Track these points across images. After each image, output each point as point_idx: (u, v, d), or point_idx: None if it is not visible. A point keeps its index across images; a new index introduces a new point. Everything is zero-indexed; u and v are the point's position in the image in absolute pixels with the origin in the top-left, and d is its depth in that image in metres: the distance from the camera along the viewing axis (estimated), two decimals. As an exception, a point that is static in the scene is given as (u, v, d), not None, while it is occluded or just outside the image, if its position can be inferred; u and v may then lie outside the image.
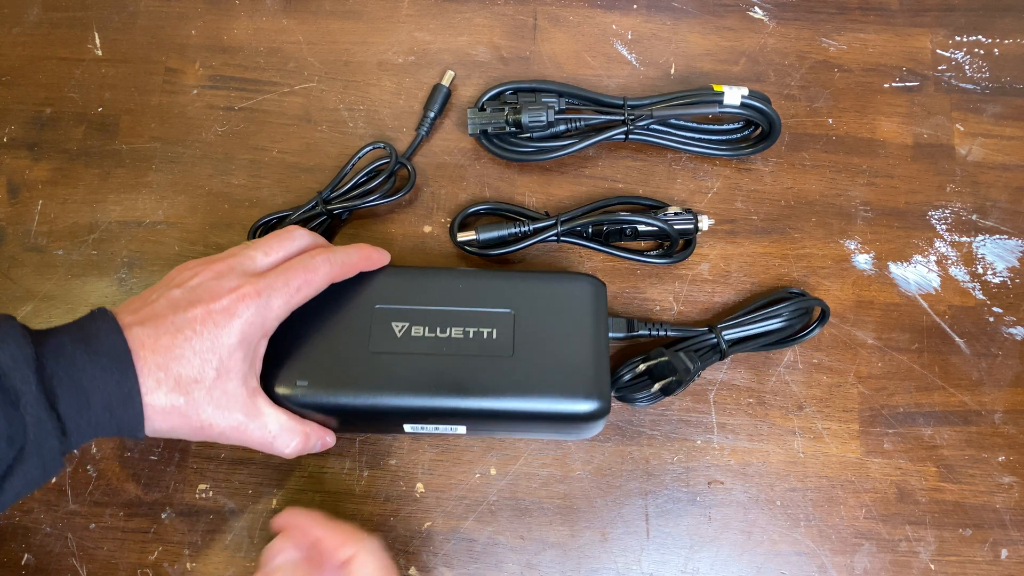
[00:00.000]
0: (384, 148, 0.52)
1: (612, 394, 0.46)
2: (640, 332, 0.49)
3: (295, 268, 0.41)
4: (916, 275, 0.53)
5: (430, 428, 0.45)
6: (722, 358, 0.49)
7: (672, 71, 0.57)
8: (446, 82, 0.55)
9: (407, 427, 0.45)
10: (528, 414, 0.43)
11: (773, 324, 0.49)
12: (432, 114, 0.54)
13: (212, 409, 0.38)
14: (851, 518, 0.49)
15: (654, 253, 0.52)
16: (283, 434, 0.42)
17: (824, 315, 0.50)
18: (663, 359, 0.47)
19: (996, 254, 0.54)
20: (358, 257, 0.45)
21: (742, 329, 0.49)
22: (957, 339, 0.52)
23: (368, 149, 0.52)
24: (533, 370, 0.43)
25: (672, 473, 0.49)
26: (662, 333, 0.49)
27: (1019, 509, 0.49)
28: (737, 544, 0.48)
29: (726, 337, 0.48)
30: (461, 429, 0.46)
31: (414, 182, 0.53)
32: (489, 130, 0.52)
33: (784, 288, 0.52)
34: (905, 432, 0.50)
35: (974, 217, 0.55)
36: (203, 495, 0.48)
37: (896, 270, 0.54)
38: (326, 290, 0.43)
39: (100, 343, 0.36)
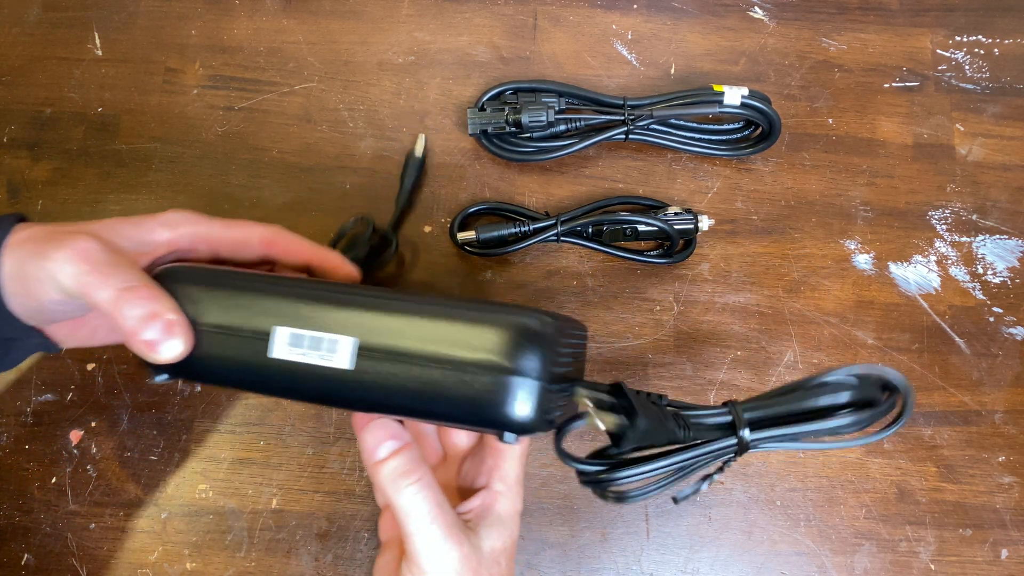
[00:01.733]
0: (364, 222, 0.51)
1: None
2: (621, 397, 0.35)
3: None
4: (916, 275, 0.53)
5: (307, 340, 0.34)
6: (740, 451, 0.34)
7: (672, 71, 0.57)
8: (419, 150, 0.53)
9: (277, 339, 0.34)
10: (428, 342, 0.33)
11: (825, 424, 0.34)
12: (408, 184, 0.53)
13: (63, 234, 0.35)
14: (851, 518, 0.49)
15: (654, 253, 0.52)
16: (125, 263, 0.35)
17: (903, 408, 0.35)
18: (629, 402, 0.33)
19: (996, 254, 0.54)
20: (310, 245, 0.41)
21: (767, 410, 0.34)
22: (957, 339, 0.52)
23: (351, 224, 0.51)
24: (448, 311, 0.34)
25: (672, 473, 0.49)
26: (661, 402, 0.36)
27: (1019, 509, 0.49)
28: (737, 544, 0.48)
29: (746, 416, 0.34)
30: (345, 353, 0.34)
31: (396, 250, 0.51)
32: (489, 130, 0.52)
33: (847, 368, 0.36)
34: (905, 432, 0.50)
35: (974, 217, 0.55)
36: (203, 495, 0.48)
37: (896, 270, 0.54)
38: None
39: None
